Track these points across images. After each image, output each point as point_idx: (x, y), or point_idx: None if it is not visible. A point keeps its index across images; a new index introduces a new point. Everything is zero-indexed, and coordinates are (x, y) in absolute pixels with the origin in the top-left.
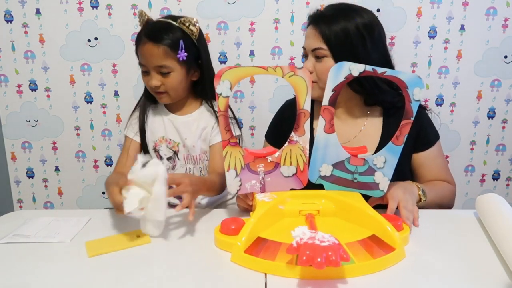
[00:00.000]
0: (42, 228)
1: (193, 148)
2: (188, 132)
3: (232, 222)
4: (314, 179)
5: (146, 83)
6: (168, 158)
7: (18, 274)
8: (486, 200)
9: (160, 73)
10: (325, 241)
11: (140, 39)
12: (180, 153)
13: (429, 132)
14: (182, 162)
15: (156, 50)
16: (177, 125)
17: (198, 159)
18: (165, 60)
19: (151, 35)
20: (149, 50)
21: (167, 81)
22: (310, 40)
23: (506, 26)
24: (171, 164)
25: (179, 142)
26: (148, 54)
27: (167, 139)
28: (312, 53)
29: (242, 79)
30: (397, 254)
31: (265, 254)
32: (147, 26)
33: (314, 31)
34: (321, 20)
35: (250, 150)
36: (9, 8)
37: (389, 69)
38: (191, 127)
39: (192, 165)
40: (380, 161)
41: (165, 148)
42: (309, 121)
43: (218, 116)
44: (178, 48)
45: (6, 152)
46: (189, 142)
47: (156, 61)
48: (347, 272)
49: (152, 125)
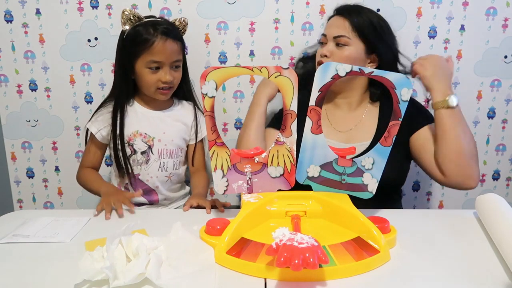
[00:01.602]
0: (42, 228)
1: (171, 142)
2: (166, 127)
3: (218, 222)
4: (301, 180)
5: (156, 79)
6: (142, 152)
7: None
8: (486, 200)
9: (172, 68)
10: (304, 243)
11: (154, 38)
12: (155, 148)
13: (425, 111)
14: (156, 156)
15: (176, 46)
16: (153, 120)
17: (174, 153)
18: (180, 55)
19: (170, 33)
20: (170, 46)
21: (177, 75)
22: (335, 28)
23: (506, 26)
24: (145, 158)
25: (154, 137)
26: (169, 50)
27: (142, 133)
28: (334, 40)
29: (227, 79)
30: (380, 256)
31: (246, 255)
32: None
33: (342, 20)
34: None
35: (237, 151)
36: (9, 8)
37: (376, 70)
38: (169, 122)
39: (167, 159)
40: (368, 162)
41: (139, 142)
42: (296, 122)
43: (204, 117)
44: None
45: (6, 152)
46: (168, 136)
47: (175, 56)
48: (328, 274)
49: (126, 120)
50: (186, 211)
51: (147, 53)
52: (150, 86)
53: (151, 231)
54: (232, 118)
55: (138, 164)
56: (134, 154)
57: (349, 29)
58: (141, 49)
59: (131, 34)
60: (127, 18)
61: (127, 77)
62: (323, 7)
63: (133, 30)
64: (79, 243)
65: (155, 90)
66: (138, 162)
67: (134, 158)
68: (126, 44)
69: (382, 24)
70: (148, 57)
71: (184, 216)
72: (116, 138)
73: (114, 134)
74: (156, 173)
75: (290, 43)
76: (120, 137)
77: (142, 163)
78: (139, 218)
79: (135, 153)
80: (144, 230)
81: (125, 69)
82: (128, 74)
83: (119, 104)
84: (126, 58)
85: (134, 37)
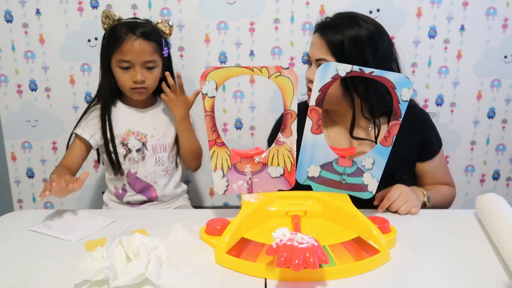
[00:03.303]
0: (66, 223)
1: (163, 136)
2: (156, 122)
3: (218, 222)
4: (302, 180)
5: (127, 79)
6: (137, 150)
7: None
8: (486, 200)
9: (145, 68)
10: (304, 243)
11: (125, 36)
12: (149, 144)
13: (434, 141)
14: (151, 152)
15: (148, 46)
16: (142, 117)
17: (167, 147)
18: (153, 56)
19: (143, 33)
20: (141, 46)
21: (150, 76)
22: (315, 49)
23: (506, 26)
24: (140, 156)
25: (147, 133)
26: (139, 49)
27: (134, 132)
28: (316, 63)
29: (227, 79)
30: (381, 256)
31: (247, 255)
32: (131, 22)
33: (320, 40)
34: (328, 29)
35: (237, 151)
36: (9, 8)
37: (376, 69)
38: (157, 117)
39: (162, 153)
40: (368, 162)
41: (133, 140)
42: (296, 122)
43: (205, 117)
44: (163, 45)
45: (6, 152)
46: (159, 131)
47: (146, 56)
48: (328, 274)
49: (115, 121)
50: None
51: (118, 52)
52: (123, 86)
53: (151, 231)
54: (232, 118)
55: (134, 162)
56: (129, 153)
57: (327, 51)
58: (113, 47)
59: (107, 33)
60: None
61: (108, 78)
62: (323, 7)
63: (111, 28)
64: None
65: (129, 89)
66: (134, 160)
67: (130, 157)
68: (103, 43)
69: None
70: (119, 55)
71: (184, 216)
72: (108, 141)
73: (106, 138)
74: (153, 169)
75: (290, 43)
76: (112, 139)
77: (138, 160)
78: (139, 218)
79: (130, 152)
80: (144, 230)
81: (105, 69)
82: (109, 74)
83: (107, 107)
84: (104, 57)
85: (109, 35)
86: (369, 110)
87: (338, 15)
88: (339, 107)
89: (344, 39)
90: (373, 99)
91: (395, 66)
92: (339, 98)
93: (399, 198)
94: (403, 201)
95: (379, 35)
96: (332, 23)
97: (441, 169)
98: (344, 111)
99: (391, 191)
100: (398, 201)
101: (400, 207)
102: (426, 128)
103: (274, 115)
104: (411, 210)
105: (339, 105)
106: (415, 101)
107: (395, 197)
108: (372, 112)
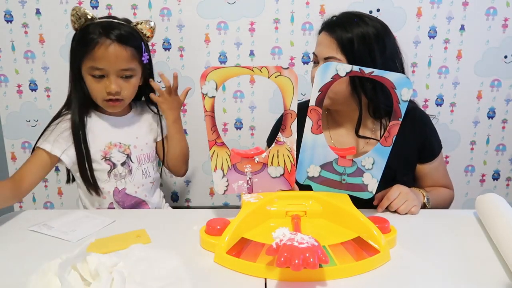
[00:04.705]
0: (67, 223)
1: (146, 145)
2: (136, 130)
3: (218, 222)
4: (302, 180)
5: (100, 89)
6: (122, 163)
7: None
8: (486, 200)
9: (121, 77)
10: (304, 243)
11: (98, 39)
12: (133, 155)
13: (434, 144)
14: (137, 164)
15: (124, 53)
16: (123, 126)
17: (151, 156)
18: (131, 63)
19: (119, 36)
20: (116, 52)
21: (127, 86)
22: (323, 47)
23: (506, 26)
24: (127, 169)
25: (129, 144)
26: (113, 56)
27: (117, 144)
28: (324, 61)
29: (227, 79)
30: (381, 256)
31: (247, 255)
32: (107, 24)
33: (328, 38)
34: (337, 27)
35: (237, 151)
36: (9, 8)
37: (376, 69)
38: (136, 125)
39: (147, 163)
40: (368, 162)
41: (117, 153)
42: (296, 122)
43: (205, 117)
44: (142, 50)
45: (6, 152)
46: (141, 140)
47: (122, 64)
48: (328, 274)
49: (92, 134)
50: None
51: (89, 57)
52: (95, 96)
53: (151, 231)
54: (232, 118)
55: (121, 177)
56: (114, 168)
57: (337, 49)
58: (84, 51)
59: (78, 33)
60: (75, 17)
61: (80, 85)
62: (323, 7)
63: (82, 29)
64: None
65: (102, 101)
66: (121, 175)
67: (115, 173)
68: (73, 46)
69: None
70: (90, 62)
71: (184, 216)
72: (84, 158)
73: (81, 154)
74: (141, 182)
75: (290, 43)
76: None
77: (125, 175)
78: (139, 218)
79: (115, 167)
80: (144, 230)
81: (76, 76)
82: (80, 81)
83: (80, 118)
84: (73, 62)
85: (80, 37)
86: (376, 110)
87: (345, 14)
88: (346, 107)
89: (354, 36)
90: (380, 99)
91: (399, 65)
92: (347, 98)
93: (398, 198)
94: (402, 201)
95: (386, 33)
96: (340, 21)
97: (441, 171)
98: (351, 111)
99: (391, 190)
100: (398, 201)
101: (399, 206)
102: (427, 129)
103: (274, 115)
104: (411, 209)
105: (346, 104)
106: (415, 103)
107: (395, 197)
108: (378, 112)
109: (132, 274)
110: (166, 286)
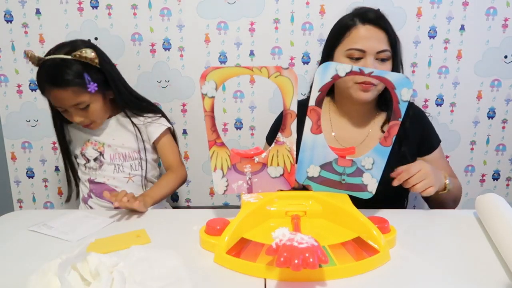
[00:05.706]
0: (67, 223)
1: (123, 145)
2: (114, 133)
3: (218, 222)
4: (301, 180)
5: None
6: (94, 159)
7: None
8: (486, 200)
9: (79, 109)
10: (304, 243)
11: (44, 86)
12: (106, 153)
13: (432, 136)
14: (108, 160)
15: (65, 94)
16: (103, 129)
17: (128, 156)
18: (79, 98)
19: (54, 81)
20: (58, 95)
21: (89, 114)
22: (375, 41)
23: (506, 26)
24: (98, 164)
25: (104, 142)
26: (58, 98)
27: (93, 141)
28: (376, 55)
29: (227, 79)
30: (380, 256)
31: (246, 255)
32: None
33: (379, 31)
34: (380, 20)
35: (237, 151)
36: (9, 8)
37: (376, 70)
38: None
39: (121, 161)
40: (368, 162)
41: (90, 150)
42: (295, 122)
43: (205, 117)
44: (85, 83)
45: (6, 152)
46: (117, 141)
47: (69, 102)
48: (328, 274)
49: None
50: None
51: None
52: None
53: (151, 231)
54: (232, 118)
55: (93, 170)
56: (87, 162)
57: (387, 42)
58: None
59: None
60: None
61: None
62: (323, 7)
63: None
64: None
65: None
66: (93, 168)
67: (88, 166)
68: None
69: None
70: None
71: (184, 216)
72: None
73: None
74: (112, 175)
75: (290, 43)
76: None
77: (96, 168)
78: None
79: (88, 162)
80: (144, 230)
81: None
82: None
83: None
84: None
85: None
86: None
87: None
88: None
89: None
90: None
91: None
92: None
93: (418, 174)
94: (421, 178)
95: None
96: (379, 14)
97: (442, 163)
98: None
99: (413, 165)
100: (417, 177)
101: (417, 183)
102: (422, 123)
103: (274, 115)
104: (427, 189)
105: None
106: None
107: (414, 172)
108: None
109: (132, 274)
110: (166, 286)
